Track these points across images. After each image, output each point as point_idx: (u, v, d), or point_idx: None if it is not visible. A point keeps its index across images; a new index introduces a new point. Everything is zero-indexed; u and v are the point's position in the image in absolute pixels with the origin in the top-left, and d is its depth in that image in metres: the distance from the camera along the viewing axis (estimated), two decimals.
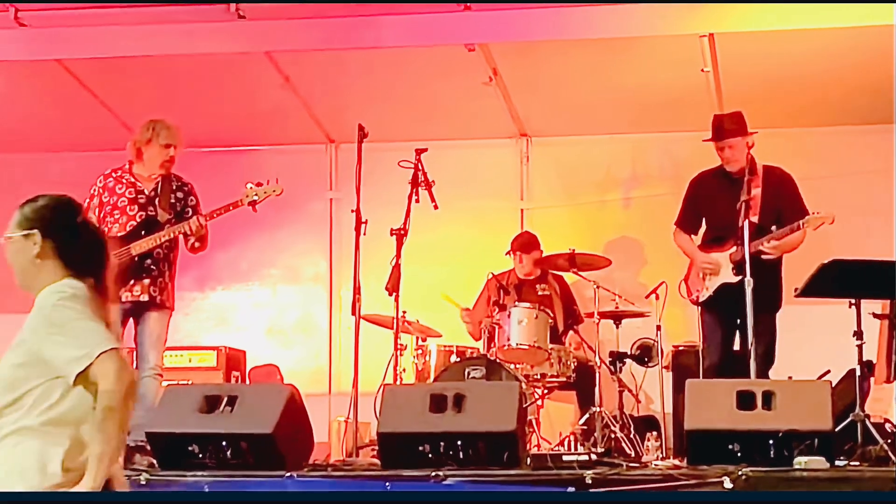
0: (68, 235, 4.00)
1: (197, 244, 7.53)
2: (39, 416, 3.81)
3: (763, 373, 7.29)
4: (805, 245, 7.59)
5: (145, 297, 7.34)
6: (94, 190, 7.56)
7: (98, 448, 3.74)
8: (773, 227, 7.46)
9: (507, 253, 9.20)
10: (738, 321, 7.44)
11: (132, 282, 7.34)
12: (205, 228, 7.46)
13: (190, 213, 7.55)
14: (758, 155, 7.65)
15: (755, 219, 7.43)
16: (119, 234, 7.37)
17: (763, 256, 7.40)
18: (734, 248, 7.51)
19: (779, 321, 7.65)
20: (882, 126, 8.91)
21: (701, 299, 7.78)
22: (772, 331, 7.57)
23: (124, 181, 7.54)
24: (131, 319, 7.41)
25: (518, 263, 9.13)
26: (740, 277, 7.30)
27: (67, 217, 4.06)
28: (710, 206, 7.87)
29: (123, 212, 7.44)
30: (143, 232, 7.39)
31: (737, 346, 7.65)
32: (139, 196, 7.49)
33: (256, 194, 7.56)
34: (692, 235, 8.00)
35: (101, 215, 7.48)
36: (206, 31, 8.41)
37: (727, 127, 7.76)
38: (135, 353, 7.48)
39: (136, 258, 7.34)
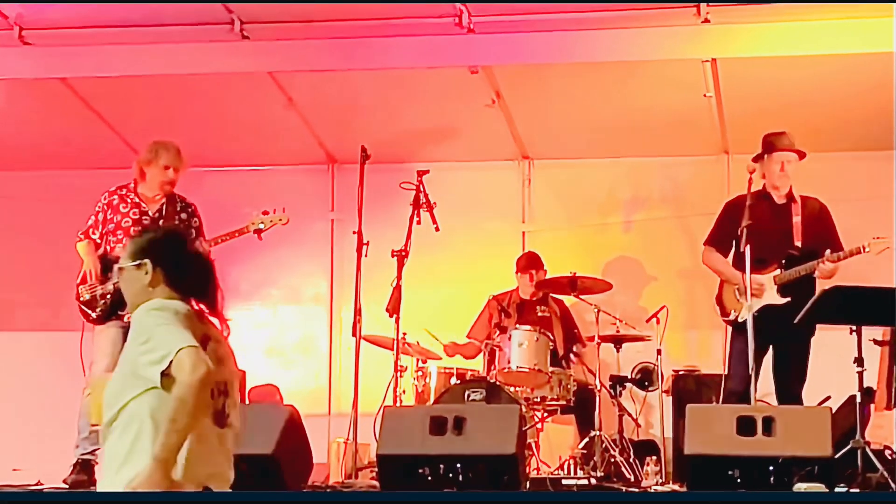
0: (176, 264, 4.24)
1: None
2: (134, 434, 3.99)
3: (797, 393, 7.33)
4: None
5: None
6: (99, 206, 7.60)
7: (164, 438, 3.90)
8: (827, 252, 7.40)
9: (517, 272, 9.18)
10: (771, 345, 7.37)
11: None
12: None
13: (194, 234, 7.56)
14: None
15: (799, 244, 7.41)
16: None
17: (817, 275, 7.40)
18: (778, 271, 7.45)
19: None
20: (884, 153, 8.96)
21: (740, 318, 7.48)
22: (802, 357, 7.49)
23: (129, 201, 7.56)
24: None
25: (528, 283, 9.10)
26: (784, 301, 7.30)
27: (176, 246, 4.31)
28: (752, 228, 7.38)
29: (127, 232, 7.44)
30: None
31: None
32: (143, 217, 7.51)
33: (262, 223, 7.59)
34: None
35: (104, 232, 7.51)
36: (209, 51, 8.44)
37: (785, 142, 7.63)
38: None
39: None
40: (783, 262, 7.43)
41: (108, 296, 7.35)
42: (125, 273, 4.27)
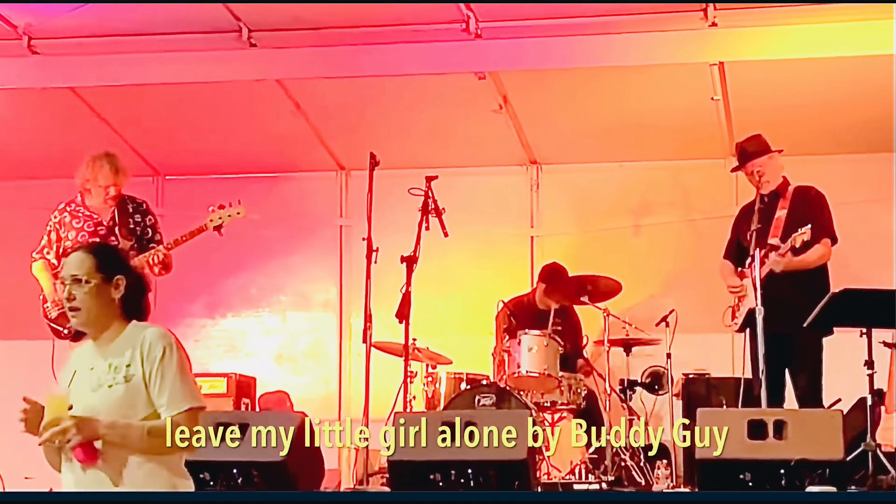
0: (135, 283, 4.27)
1: (163, 271, 7.48)
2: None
3: (807, 402, 7.19)
4: None
5: None
6: (51, 225, 7.56)
7: None
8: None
9: (540, 281, 9.13)
10: (776, 345, 7.15)
11: None
12: (169, 256, 7.43)
13: (150, 234, 7.54)
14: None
15: (775, 241, 7.29)
16: None
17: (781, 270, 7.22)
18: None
19: None
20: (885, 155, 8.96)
21: (735, 329, 7.60)
22: (813, 353, 7.35)
23: (80, 215, 7.52)
24: None
25: (544, 295, 9.03)
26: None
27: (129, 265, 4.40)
28: (746, 231, 7.45)
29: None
30: None
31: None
32: (98, 228, 7.47)
33: (221, 218, 7.50)
34: (739, 267, 7.64)
35: (61, 251, 7.44)
36: (217, 59, 8.47)
37: (750, 151, 7.62)
38: None
39: None
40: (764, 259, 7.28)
41: None
42: (92, 287, 4.17)
